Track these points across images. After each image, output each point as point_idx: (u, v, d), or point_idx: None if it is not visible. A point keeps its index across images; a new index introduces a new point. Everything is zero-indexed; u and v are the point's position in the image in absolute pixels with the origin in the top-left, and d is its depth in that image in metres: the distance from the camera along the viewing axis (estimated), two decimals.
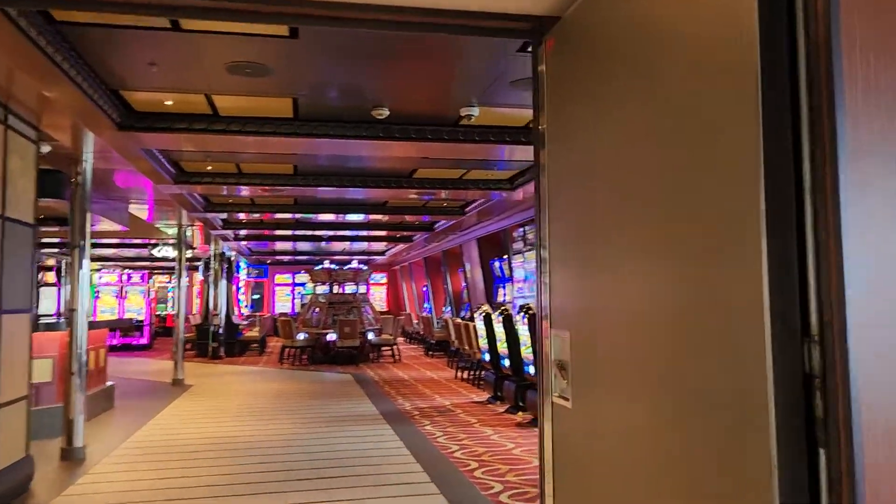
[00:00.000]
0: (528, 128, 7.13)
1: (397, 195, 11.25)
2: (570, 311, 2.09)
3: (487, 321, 9.29)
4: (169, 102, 6.15)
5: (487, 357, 9.46)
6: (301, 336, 15.74)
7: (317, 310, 16.74)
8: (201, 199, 11.31)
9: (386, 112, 6.38)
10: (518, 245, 12.38)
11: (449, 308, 19.53)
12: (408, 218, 14.29)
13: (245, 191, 10.55)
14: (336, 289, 17.37)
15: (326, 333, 15.55)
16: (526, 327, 8.19)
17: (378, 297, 29.21)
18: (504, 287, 14.39)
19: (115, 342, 20.35)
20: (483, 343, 9.58)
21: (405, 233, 17.18)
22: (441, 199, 12.00)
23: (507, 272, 14.15)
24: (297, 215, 13.34)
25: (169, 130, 6.52)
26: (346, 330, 15.03)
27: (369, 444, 6.83)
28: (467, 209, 12.71)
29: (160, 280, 29.37)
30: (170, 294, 29.14)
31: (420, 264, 23.23)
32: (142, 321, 21.48)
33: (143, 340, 21.15)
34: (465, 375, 11.97)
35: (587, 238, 1.98)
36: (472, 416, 8.41)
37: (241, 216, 13.77)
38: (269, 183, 9.78)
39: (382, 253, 24.56)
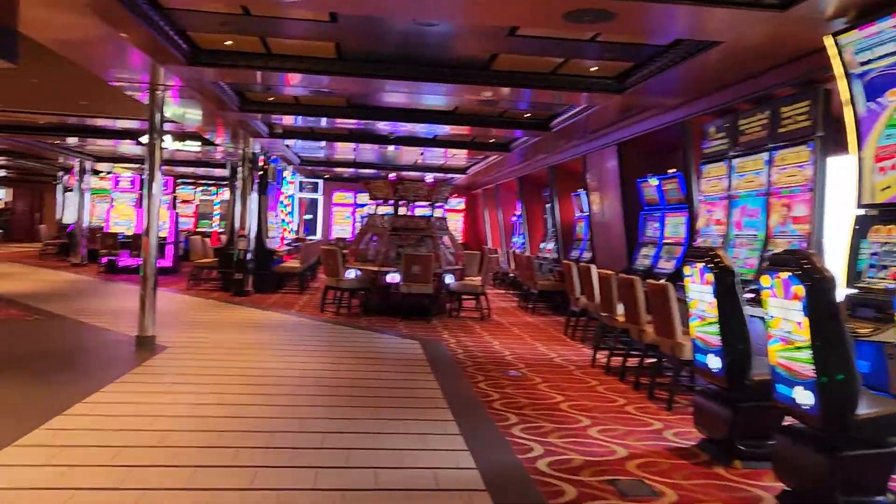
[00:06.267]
0: None
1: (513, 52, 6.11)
2: None
3: (726, 285, 4.21)
4: None
5: (715, 363, 4.43)
6: (350, 274, 11.05)
7: (375, 238, 11.95)
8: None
9: None
10: (715, 145, 7.14)
11: (552, 245, 14.42)
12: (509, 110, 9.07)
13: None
14: (403, 210, 12.46)
15: (386, 272, 10.79)
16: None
17: (452, 227, 24.23)
18: (662, 218, 9.17)
19: (128, 263, 16.29)
20: (704, 330, 4.53)
21: (507, 131, 11.93)
22: (601, 55, 6.70)
23: (669, 197, 8.90)
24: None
25: None
26: (414, 269, 10.23)
27: None
28: (629, 80, 7.42)
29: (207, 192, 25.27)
30: (216, 208, 24.97)
31: (512, 186, 18.08)
32: (164, 238, 16.69)
33: (166, 263, 16.65)
34: (610, 362, 7.04)
35: None
36: None
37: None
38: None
39: (464, 170, 19.49)
